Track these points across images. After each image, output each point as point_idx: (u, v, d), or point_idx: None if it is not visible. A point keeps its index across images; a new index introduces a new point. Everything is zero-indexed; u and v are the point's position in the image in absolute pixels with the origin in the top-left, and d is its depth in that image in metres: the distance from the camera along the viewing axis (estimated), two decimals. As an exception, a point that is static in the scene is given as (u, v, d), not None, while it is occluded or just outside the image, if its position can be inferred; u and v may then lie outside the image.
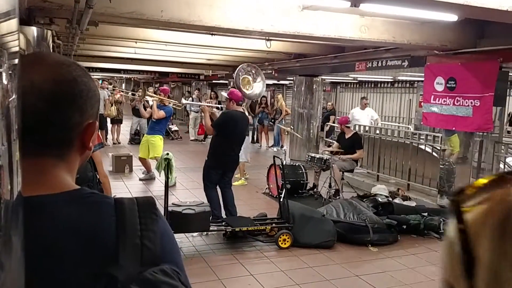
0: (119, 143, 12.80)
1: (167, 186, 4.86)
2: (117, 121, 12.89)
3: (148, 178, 8.29)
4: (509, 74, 6.28)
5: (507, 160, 6.55)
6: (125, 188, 7.51)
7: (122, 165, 8.72)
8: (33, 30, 4.69)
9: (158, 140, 7.97)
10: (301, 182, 7.52)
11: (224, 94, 5.71)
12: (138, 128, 13.10)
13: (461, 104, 5.97)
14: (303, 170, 7.62)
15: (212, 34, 6.67)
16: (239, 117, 5.60)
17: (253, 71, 7.25)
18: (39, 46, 4.60)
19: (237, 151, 5.69)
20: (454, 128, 6.25)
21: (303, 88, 10.95)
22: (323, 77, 11.55)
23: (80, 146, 0.83)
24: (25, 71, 0.77)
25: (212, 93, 15.99)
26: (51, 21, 5.14)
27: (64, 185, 0.79)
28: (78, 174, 2.64)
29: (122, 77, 24.82)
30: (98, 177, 2.82)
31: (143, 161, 8.14)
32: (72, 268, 0.71)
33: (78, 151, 0.83)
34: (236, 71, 6.36)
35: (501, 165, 6.39)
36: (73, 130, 0.80)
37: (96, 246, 0.72)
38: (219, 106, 5.81)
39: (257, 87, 6.59)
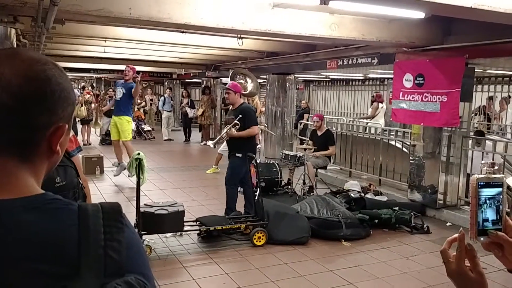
0: (89, 144, 12.56)
1: (138, 187, 4.79)
2: (87, 122, 12.65)
3: (121, 170, 8.13)
4: (475, 70, 6.45)
5: (474, 154, 6.72)
6: (96, 190, 7.36)
7: (93, 167, 8.56)
8: (-4, 28, 4.54)
9: (125, 122, 8.00)
10: (276, 179, 7.55)
11: (229, 87, 5.81)
12: (109, 128, 12.88)
13: (429, 100, 6.10)
14: (278, 168, 7.66)
15: (183, 32, 6.62)
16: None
17: (243, 76, 7.94)
18: (2, 45, 4.45)
19: None
20: (422, 124, 6.39)
21: (276, 86, 10.99)
22: (296, 75, 11.62)
23: (47, 149, 0.78)
24: None
25: (184, 91, 15.90)
26: (15, 19, 4.98)
27: (25, 189, 0.74)
28: (65, 181, 2.54)
29: (92, 76, 24.33)
30: (81, 182, 2.76)
31: (116, 145, 8.15)
32: (26, 282, 0.66)
33: (45, 155, 0.79)
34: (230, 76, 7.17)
35: (469, 160, 6.55)
36: (39, 131, 0.76)
37: (55, 257, 0.68)
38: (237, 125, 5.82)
39: (250, 87, 7.78)
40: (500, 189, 0.93)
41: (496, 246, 0.92)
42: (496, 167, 0.94)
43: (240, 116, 5.59)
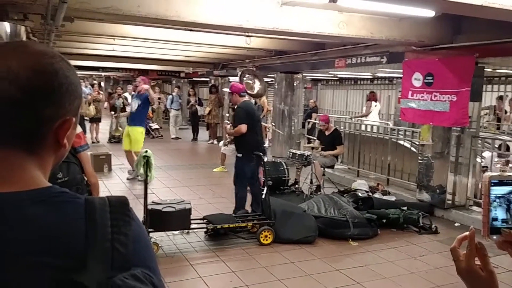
0: (98, 142, 12.64)
1: (146, 185, 4.80)
2: (96, 120, 12.72)
3: (135, 176, 8.19)
4: (485, 69, 6.39)
5: (484, 154, 6.67)
6: (104, 187, 7.39)
7: (101, 164, 8.59)
8: (6, 26, 4.58)
9: (138, 133, 8.04)
10: (283, 178, 7.53)
11: (226, 90, 5.97)
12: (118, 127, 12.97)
13: (438, 99, 6.04)
14: (285, 167, 7.64)
15: (190, 30, 6.63)
16: (252, 105, 6.16)
17: (251, 76, 8.08)
18: (12, 42, 4.48)
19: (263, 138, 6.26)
20: (431, 123, 6.34)
21: (284, 85, 10.98)
22: (304, 74, 11.59)
23: (54, 142, 0.78)
24: (4, 57, 0.74)
25: (191, 90, 15.95)
26: (25, 16, 5.02)
27: (32, 182, 0.74)
28: (67, 177, 2.57)
29: (101, 75, 24.46)
30: (86, 179, 2.79)
31: (128, 155, 8.16)
32: (32, 274, 0.66)
33: (51, 148, 0.79)
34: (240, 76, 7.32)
35: (478, 159, 6.50)
36: (46, 124, 0.76)
37: (62, 250, 0.68)
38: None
39: (257, 88, 8.04)
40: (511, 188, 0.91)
41: (510, 244, 0.91)
42: (511, 165, 0.92)
43: (234, 114, 5.81)
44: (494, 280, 0.90)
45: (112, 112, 13.02)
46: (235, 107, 5.88)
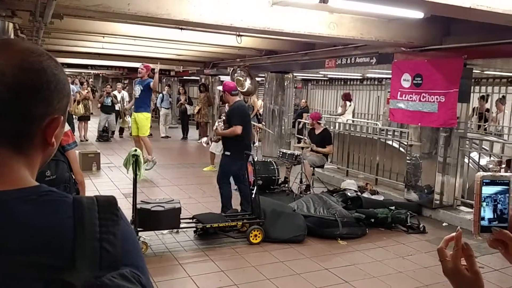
0: (86, 140, 12.53)
1: (135, 183, 4.78)
2: (84, 118, 12.62)
3: (152, 165, 8.38)
4: (473, 71, 6.46)
5: (471, 155, 6.74)
6: (92, 186, 7.33)
7: (89, 163, 8.52)
8: (-7, 22, 4.52)
9: (144, 119, 8.29)
10: (273, 178, 7.55)
11: (219, 88, 5.92)
12: (106, 124, 12.89)
13: (427, 100, 6.10)
14: (275, 166, 7.66)
15: (181, 29, 6.60)
16: (245, 105, 6.24)
17: (243, 73, 8.12)
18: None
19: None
20: (419, 124, 6.39)
21: (274, 85, 11.00)
22: (294, 74, 11.62)
23: (42, 141, 0.78)
24: None
25: (181, 88, 15.89)
26: (13, 13, 4.95)
27: (20, 181, 0.74)
28: (55, 175, 2.54)
29: (90, 73, 24.26)
30: (74, 177, 2.77)
31: (136, 141, 8.44)
32: (21, 274, 0.66)
33: (39, 147, 0.78)
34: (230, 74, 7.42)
35: (466, 160, 6.57)
36: (34, 123, 0.75)
37: (50, 249, 0.68)
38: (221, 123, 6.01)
39: (247, 85, 8.33)
40: (499, 188, 0.93)
41: (500, 243, 0.93)
42: (503, 165, 0.94)
43: (228, 115, 5.73)
44: (480, 280, 0.91)
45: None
46: (228, 106, 5.89)
